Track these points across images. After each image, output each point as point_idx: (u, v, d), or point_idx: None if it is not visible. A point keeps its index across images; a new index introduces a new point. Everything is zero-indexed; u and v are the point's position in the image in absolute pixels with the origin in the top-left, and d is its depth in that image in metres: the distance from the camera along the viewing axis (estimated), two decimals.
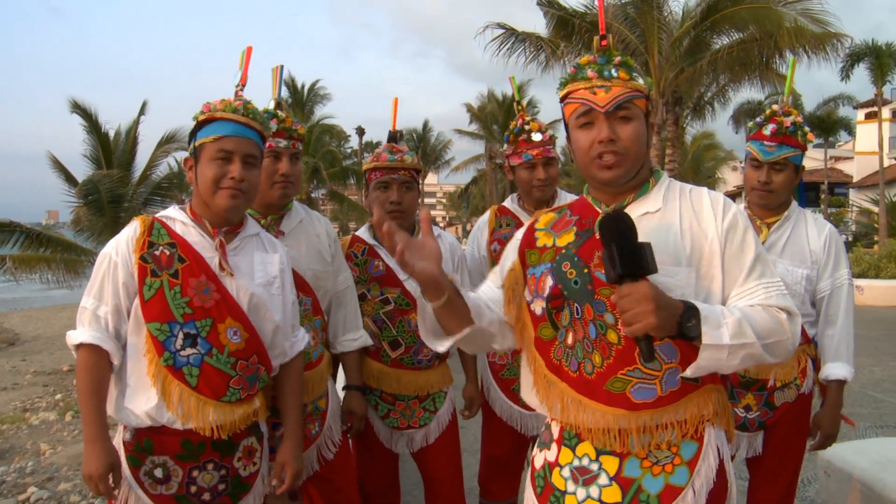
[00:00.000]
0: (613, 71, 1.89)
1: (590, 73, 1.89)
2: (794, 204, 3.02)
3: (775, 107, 2.98)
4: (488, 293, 2.10)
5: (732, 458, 3.02)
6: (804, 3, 16.62)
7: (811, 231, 2.96)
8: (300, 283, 2.81)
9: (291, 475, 2.43)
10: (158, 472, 2.24)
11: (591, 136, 1.88)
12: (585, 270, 1.87)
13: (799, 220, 2.98)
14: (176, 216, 2.34)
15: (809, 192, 40.69)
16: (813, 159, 44.36)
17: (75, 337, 2.23)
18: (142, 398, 2.22)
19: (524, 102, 3.61)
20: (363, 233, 3.26)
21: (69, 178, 18.60)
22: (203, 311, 2.23)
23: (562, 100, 1.97)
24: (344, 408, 3.06)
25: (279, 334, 2.43)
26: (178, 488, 2.26)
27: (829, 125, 34.36)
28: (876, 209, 28.96)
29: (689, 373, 1.73)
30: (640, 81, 1.92)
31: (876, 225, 28.38)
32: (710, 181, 38.32)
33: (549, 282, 1.93)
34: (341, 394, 3.10)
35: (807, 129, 2.93)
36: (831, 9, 16.90)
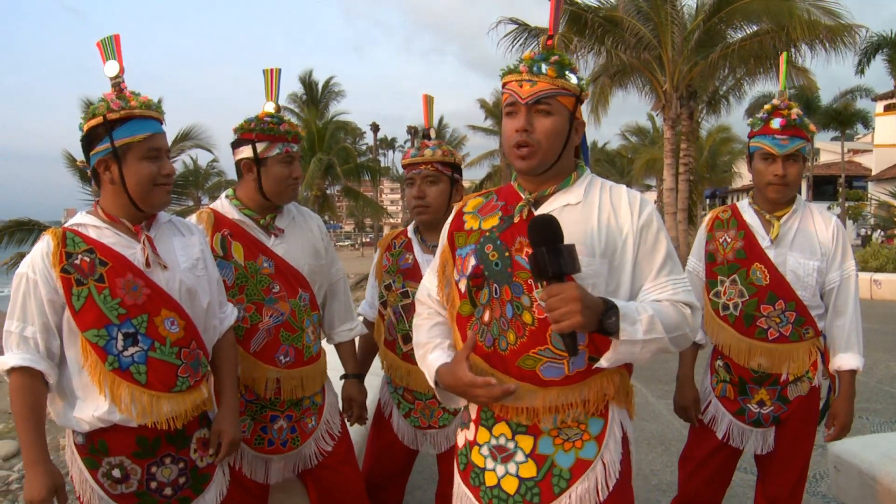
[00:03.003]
0: (543, 67, 2.01)
1: (522, 67, 2.04)
2: (800, 196, 3.03)
3: (776, 101, 3.00)
4: (437, 291, 2.27)
5: (741, 452, 3.09)
6: None
7: (818, 223, 2.97)
8: (299, 280, 2.87)
9: (228, 442, 2.43)
10: (116, 473, 2.25)
11: (513, 125, 2.02)
12: (507, 254, 2.03)
13: (805, 213, 3.00)
14: (86, 221, 2.31)
15: (826, 186, 40.34)
16: (830, 152, 43.94)
17: (4, 362, 2.19)
18: (90, 406, 2.21)
19: None
20: (410, 227, 3.30)
21: (85, 176, 18.79)
22: (137, 308, 2.22)
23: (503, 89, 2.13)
24: (344, 395, 3.13)
25: (209, 314, 2.46)
26: (139, 485, 2.27)
27: (845, 118, 34.02)
28: (895, 202, 28.64)
29: (604, 363, 1.91)
30: (573, 82, 2.04)
31: (895, 219, 28.07)
32: (726, 175, 38.09)
33: (472, 262, 2.08)
34: (337, 384, 3.15)
35: (807, 120, 2.97)
36: (845, 0, 16.69)
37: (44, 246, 2.24)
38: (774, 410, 2.99)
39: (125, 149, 2.25)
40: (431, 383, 2.14)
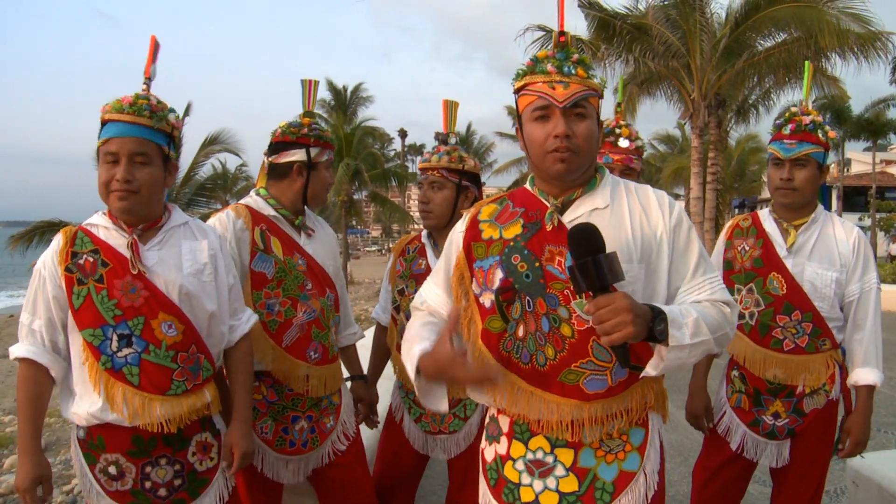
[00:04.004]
0: (572, 68, 1.93)
1: (549, 67, 1.93)
2: (820, 206, 2.98)
3: (794, 108, 2.97)
4: (436, 300, 2.19)
5: (756, 464, 3.05)
6: (845, 2, 16.29)
7: (839, 233, 2.91)
8: (326, 279, 2.95)
9: (240, 455, 2.44)
10: (112, 469, 2.28)
11: (546, 130, 1.91)
12: (537, 264, 1.93)
13: (826, 223, 2.94)
14: (98, 222, 2.35)
15: (858, 197, 39.75)
16: (862, 162, 43.27)
17: (13, 352, 2.27)
18: (86, 402, 2.25)
19: (623, 106, 3.60)
20: (424, 232, 3.32)
21: None
22: (133, 311, 2.24)
23: (516, 91, 2.01)
24: (353, 396, 3.18)
25: (214, 321, 2.44)
26: (133, 484, 2.29)
27: (877, 128, 33.43)
28: None
29: (653, 372, 1.82)
30: (597, 81, 1.97)
31: None
32: (754, 185, 37.69)
33: (499, 274, 1.97)
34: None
35: (827, 127, 2.91)
36: (876, 8, 16.43)
37: (55, 244, 2.31)
38: (790, 423, 2.95)
39: (97, 154, 2.30)
40: (412, 375, 1.97)
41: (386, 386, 3.40)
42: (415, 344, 2.00)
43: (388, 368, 3.36)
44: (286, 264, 2.82)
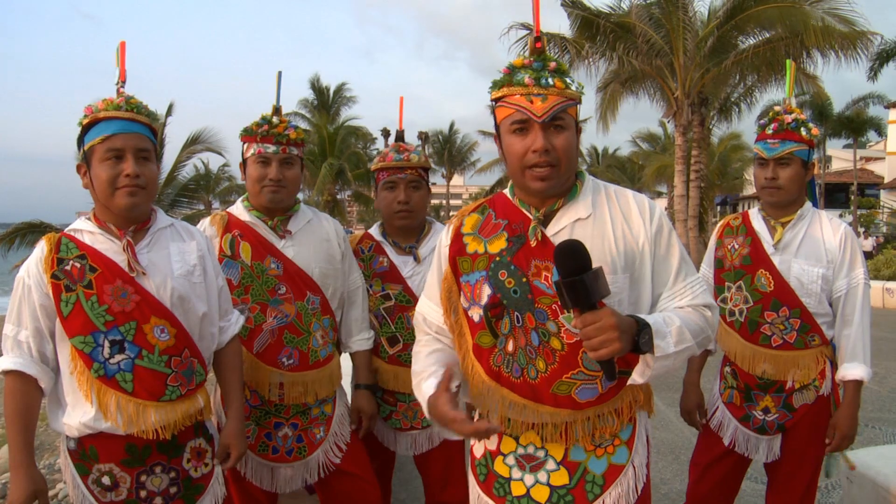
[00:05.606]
0: (550, 79, 1.90)
1: (527, 79, 1.90)
2: (808, 203, 3.00)
3: (777, 108, 3.00)
4: (436, 316, 2.16)
5: (750, 460, 3.05)
6: (831, 2, 16.42)
7: (826, 230, 2.93)
8: (307, 282, 2.86)
9: (235, 456, 2.43)
10: (106, 480, 2.23)
11: (525, 144, 1.90)
12: (524, 280, 1.93)
13: (813, 220, 2.96)
14: (83, 227, 2.30)
15: (839, 194, 40.14)
16: (842, 160, 43.68)
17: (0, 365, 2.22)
18: (78, 412, 2.20)
19: None
20: (374, 230, 3.28)
21: None
22: (124, 316, 2.19)
23: (494, 100, 1.98)
24: (353, 406, 3.07)
25: (206, 323, 2.40)
26: (128, 493, 2.24)
27: (857, 125, 33.79)
28: None
29: (640, 380, 1.86)
30: (574, 88, 1.94)
31: None
32: (737, 182, 37.94)
33: (487, 290, 1.97)
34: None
35: (811, 125, 2.94)
36: (859, 7, 16.61)
37: (38, 251, 2.25)
38: (779, 418, 2.97)
39: (90, 153, 2.24)
40: (427, 415, 1.99)
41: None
42: (423, 380, 2.04)
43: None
44: (253, 269, 2.78)
